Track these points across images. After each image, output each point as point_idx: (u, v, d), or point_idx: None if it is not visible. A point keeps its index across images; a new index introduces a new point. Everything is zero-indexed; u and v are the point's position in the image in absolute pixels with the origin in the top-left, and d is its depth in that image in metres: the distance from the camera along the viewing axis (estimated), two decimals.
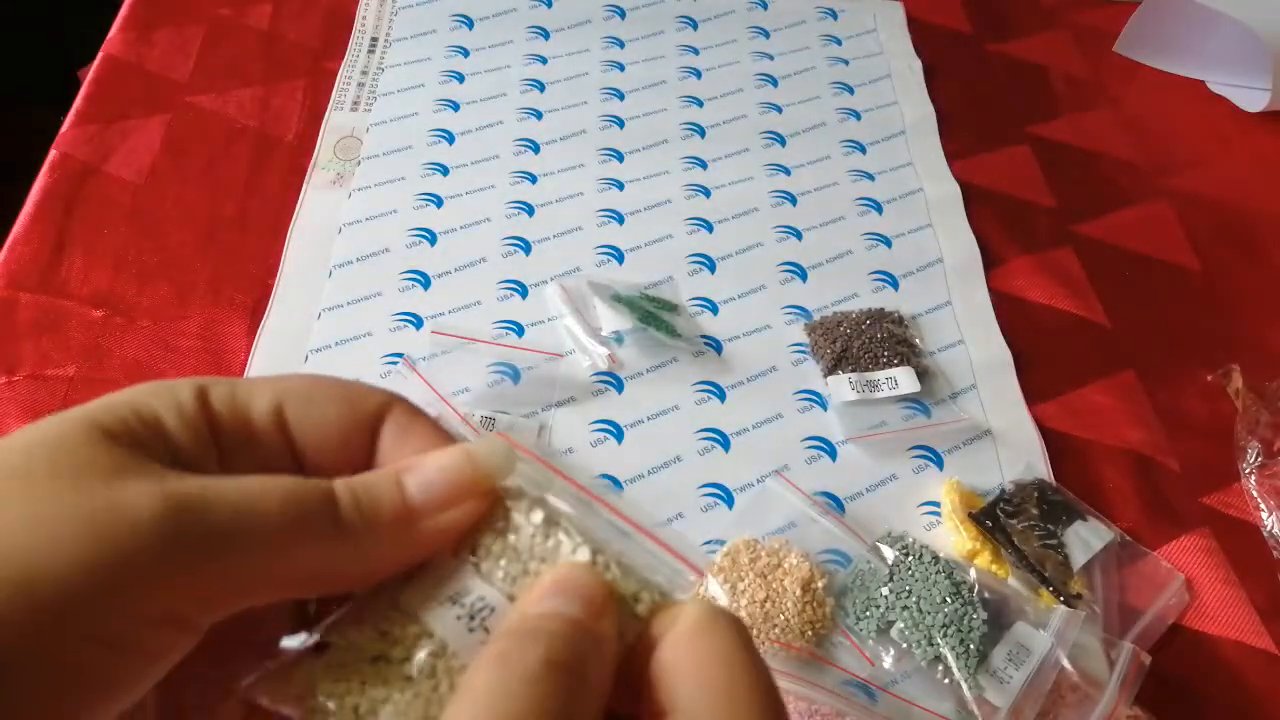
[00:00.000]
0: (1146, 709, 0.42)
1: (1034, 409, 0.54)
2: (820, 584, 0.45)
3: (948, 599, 0.43)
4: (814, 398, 0.53)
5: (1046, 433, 0.53)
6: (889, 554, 0.46)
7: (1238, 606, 0.47)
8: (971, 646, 0.42)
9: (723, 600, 0.44)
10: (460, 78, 0.69)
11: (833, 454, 0.51)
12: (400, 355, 0.53)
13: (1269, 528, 0.50)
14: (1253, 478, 0.52)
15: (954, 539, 0.47)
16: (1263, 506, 0.51)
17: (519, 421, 0.50)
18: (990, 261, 0.61)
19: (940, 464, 0.51)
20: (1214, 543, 0.49)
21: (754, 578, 0.45)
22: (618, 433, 0.51)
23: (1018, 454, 0.52)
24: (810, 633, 0.43)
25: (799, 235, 0.62)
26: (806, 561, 0.45)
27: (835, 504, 0.49)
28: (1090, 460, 0.52)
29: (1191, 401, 0.55)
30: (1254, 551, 0.49)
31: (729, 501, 0.49)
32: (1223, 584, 0.48)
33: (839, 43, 0.75)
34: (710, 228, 0.61)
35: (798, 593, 0.44)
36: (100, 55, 0.67)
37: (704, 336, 0.56)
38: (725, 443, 0.51)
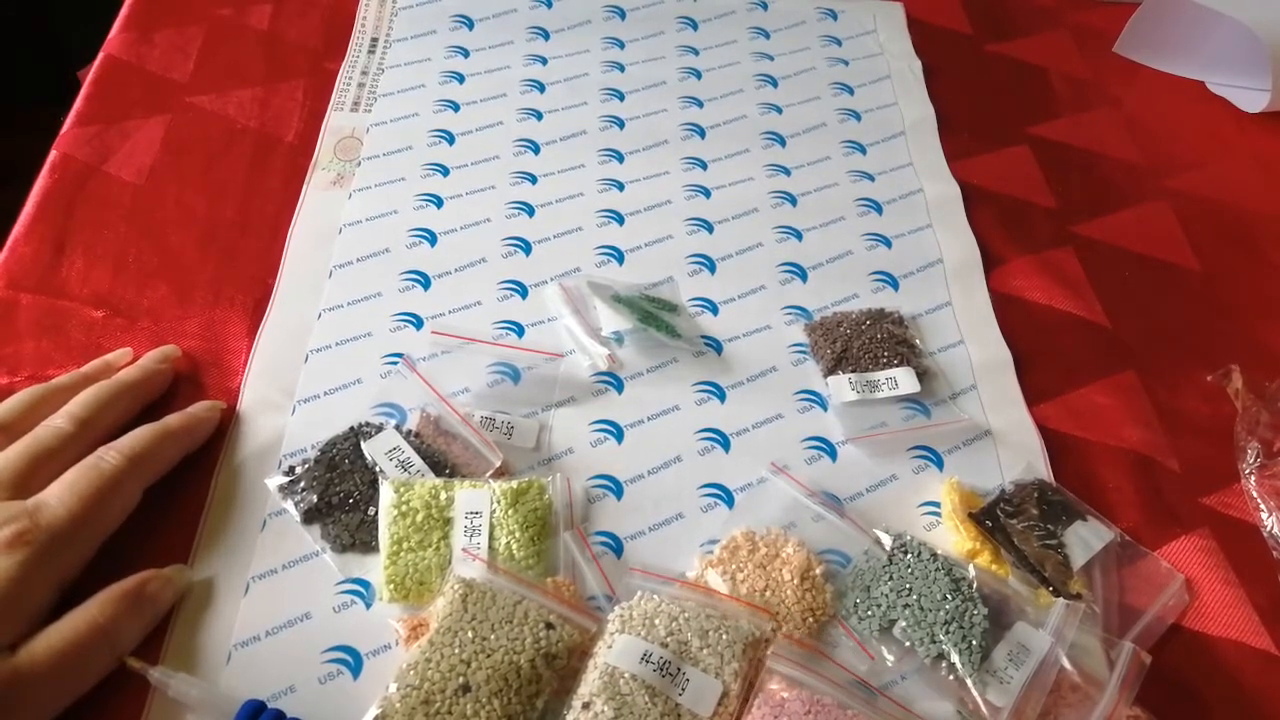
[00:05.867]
0: (1147, 709, 0.42)
1: (1034, 409, 0.54)
2: (818, 571, 0.45)
3: (948, 596, 0.43)
4: (814, 398, 0.53)
5: (1046, 433, 0.53)
6: (886, 540, 0.46)
7: (1238, 606, 0.47)
8: (974, 642, 0.42)
9: (723, 590, 0.44)
10: (460, 78, 0.69)
11: (833, 454, 0.51)
12: (400, 355, 0.53)
13: (1269, 528, 0.50)
14: (1253, 478, 0.52)
15: (954, 539, 0.47)
16: (1263, 507, 0.51)
17: (519, 421, 0.50)
18: (990, 261, 0.61)
19: (940, 464, 0.51)
20: (1214, 543, 0.49)
21: (753, 569, 0.45)
22: (618, 433, 0.51)
23: (1018, 454, 0.52)
24: (811, 620, 0.44)
25: (799, 236, 0.62)
26: (803, 550, 0.46)
27: (835, 504, 0.49)
28: (1090, 460, 0.52)
29: (1191, 401, 0.55)
30: (1254, 551, 0.49)
31: (729, 502, 0.49)
32: (1223, 584, 0.48)
33: (839, 43, 0.75)
34: (710, 228, 0.61)
35: (796, 581, 0.44)
36: (100, 56, 0.67)
37: (704, 337, 0.56)
38: (725, 443, 0.51)
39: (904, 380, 0.53)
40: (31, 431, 0.43)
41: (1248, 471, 0.52)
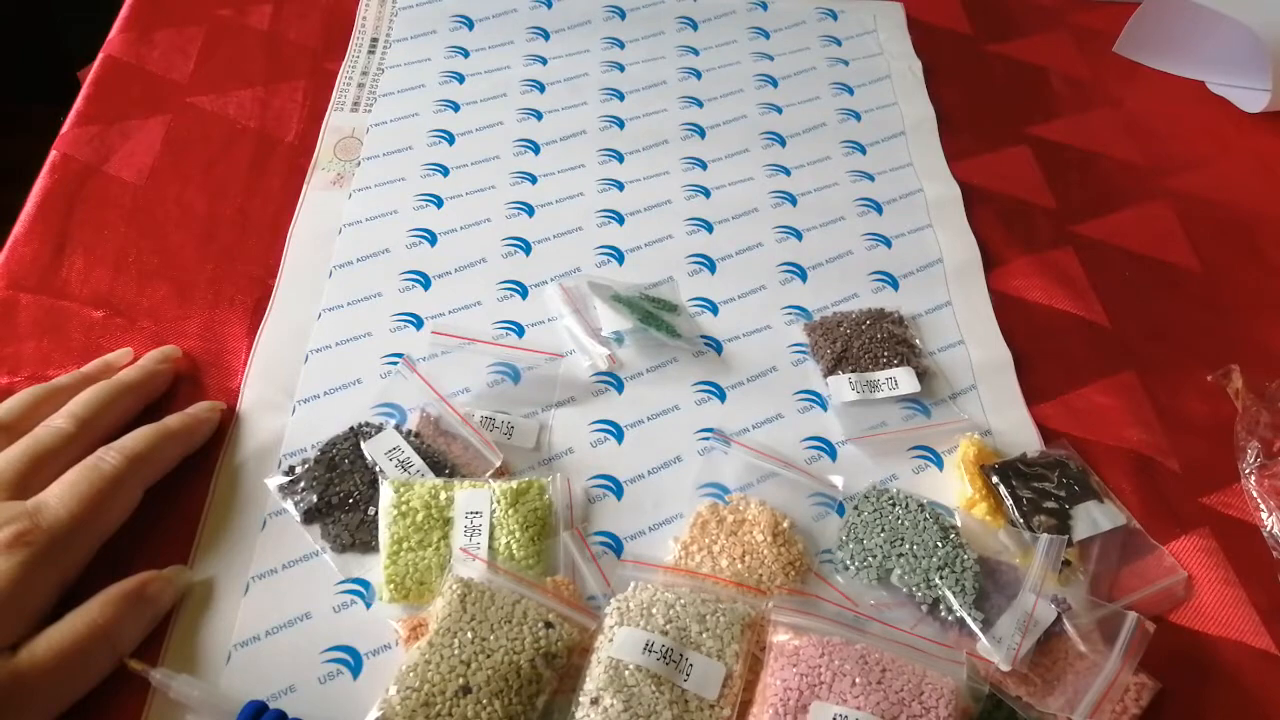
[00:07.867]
0: (1152, 675, 0.42)
1: (1034, 409, 0.54)
2: (785, 524, 0.46)
3: (939, 544, 0.45)
4: (814, 398, 0.53)
5: (1046, 433, 0.53)
6: (838, 480, 0.49)
7: (1238, 606, 0.47)
8: (966, 584, 0.44)
9: (705, 569, 0.45)
10: (460, 78, 0.69)
11: (833, 454, 0.51)
12: (400, 355, 0.53)
13: (1269, 528, 0.50)
14: (1253, 478, 0.52)
15: (957, 488, 0.49)
16: (1263, 506, 0.51)
17: (519, 421, 0.50)
18: (990, 261, 0.61)
19: (940, 464, 0.51)
20: (1214, 543, 0.49)
21: (725, 539, 0.46)
22: (618, 433, 0.51)
23: (1017, 454, 0.51)
24: (792, 573, 0.45)
25: (799, 235, 0.62)
26: (766, 508, 0.47)
27: (834, 505, 0.49)
28: (1090, 460, 0.52)
29: (1191, 401, 0.55)
30: (1254, 551, 0.49)
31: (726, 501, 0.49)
32: (1223, 584, 0.48)
33: (839, 43, 0.75)
34: (710, 228, 0.61)
35: (769, 539, 0.45)
36: (100, 56, 0.67)
37: (704, 336, 0.56)
38: (725, 443, 0.51)
39: (904, 380, 0.53)
40: (32, 432, 0.43)
41: (1248, 471, 0.52)
